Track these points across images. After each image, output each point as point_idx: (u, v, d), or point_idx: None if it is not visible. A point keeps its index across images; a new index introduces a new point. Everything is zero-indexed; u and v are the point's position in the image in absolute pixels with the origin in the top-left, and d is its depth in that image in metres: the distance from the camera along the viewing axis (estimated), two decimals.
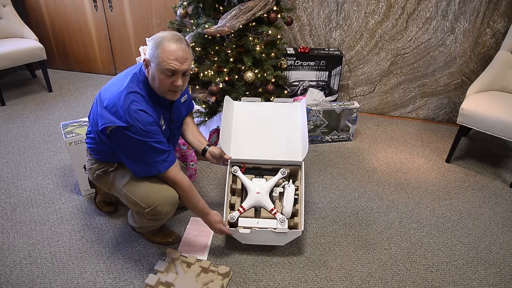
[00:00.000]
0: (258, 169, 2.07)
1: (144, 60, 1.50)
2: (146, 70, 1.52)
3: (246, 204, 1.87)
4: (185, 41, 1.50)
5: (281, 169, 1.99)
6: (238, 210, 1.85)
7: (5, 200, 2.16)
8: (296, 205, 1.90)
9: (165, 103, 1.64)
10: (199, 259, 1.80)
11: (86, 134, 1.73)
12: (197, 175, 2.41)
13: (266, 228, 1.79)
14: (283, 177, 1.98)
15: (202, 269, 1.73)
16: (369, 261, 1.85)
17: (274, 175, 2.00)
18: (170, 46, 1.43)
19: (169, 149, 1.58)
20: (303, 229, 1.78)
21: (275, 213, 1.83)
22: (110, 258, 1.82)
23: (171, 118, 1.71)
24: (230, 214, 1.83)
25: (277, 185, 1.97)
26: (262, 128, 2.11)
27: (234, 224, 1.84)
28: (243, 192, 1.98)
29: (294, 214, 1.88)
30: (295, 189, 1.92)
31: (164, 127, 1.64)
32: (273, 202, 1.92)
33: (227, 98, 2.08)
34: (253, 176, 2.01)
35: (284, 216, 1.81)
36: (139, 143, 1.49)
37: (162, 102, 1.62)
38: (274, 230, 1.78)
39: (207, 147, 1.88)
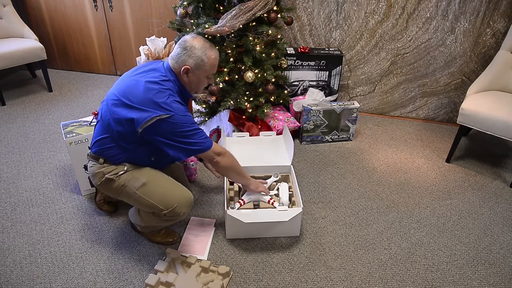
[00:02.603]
0: (252, 177, 2.14)
1: (185, 68, 1.59)
2: (185, 76, 1.62)
3: (245, 197, 1.94)
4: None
5: (274, 173, 2.12)
6: (239, 202, 1.92)
7: (5, 200, 2.16)
8: (292, 198, 2.01)
9: (186, 101, 1.71)
10: (199, 259, 1.80)
11: (94, 137, 1.67)
12: (197, 175, 2.41)
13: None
14: (275, 180, 2.10)
15: (202, 269, 1.73)
16: (369, 261, 1.85)
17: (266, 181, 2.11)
18: (213, 54, 1.63)
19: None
20: (302, 206, 1.89)
21: (272, 203, 1.91)
22: (110, 258, 1.82)
23: None
24: (231, 204, 1.90)
25: (270, 188, 2.08)
26: (253, 147, 2.35)
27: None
28: (240, 191, 2.09)
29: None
30: (289, 187, 2.03)
31: None
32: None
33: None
34: None
35: (282, 203, 1.91)
36: (182, 128, 1.54)
37: (185, 100, 1.69)
38: (275, 209, 1.89)
39: None
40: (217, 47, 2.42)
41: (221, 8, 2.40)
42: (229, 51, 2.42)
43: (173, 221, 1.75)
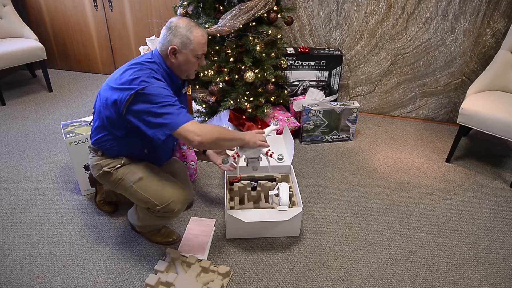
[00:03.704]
0: (253, 177, 2.15)
1: (172, 48, 1.56)
2: (173, 57, 1.59)
3: (240, 151, 1.82)
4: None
5: (274, 120, 1.97)
6: (233, 156, 1.82)
7: (5, 199, 2.16)
8: (292, 198, 2.00)
9: (175, 86, 1.68)
10: (199, 259, 1.80)
11: (92, 128, 1.70)
12: (197, 175, 2.41)
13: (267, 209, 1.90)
14: (275, 128, 1.96)
15: (202, 269, 1.73)
16: (369, 261, 1.85)
17: (267, 182, 2.08)
18: (199, 32, 1.59)
19: (185, 108, 1.56)
20: (302, 206, 1.87)
21: (271, 154, 1.83)
22: (110, 258, 1.82)
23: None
24: (224, 159, 1.80)
25: (271, 188, 2.06)
26: None
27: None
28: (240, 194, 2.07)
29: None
30: (289, 187, 2.00)
31: None
32: (271, 201, 1.99)
33: None
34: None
35: (281, 154, 1.82)
36: (156, 100, 1.46)
37: (173, 85, 1.66)
38: (275, 209, 1.86)
39: None
40: (217, 47, 2.43)
41: (221, 8, 2.40)
42: (229, 51, 2.42)
43: (168, 218, 1.75)
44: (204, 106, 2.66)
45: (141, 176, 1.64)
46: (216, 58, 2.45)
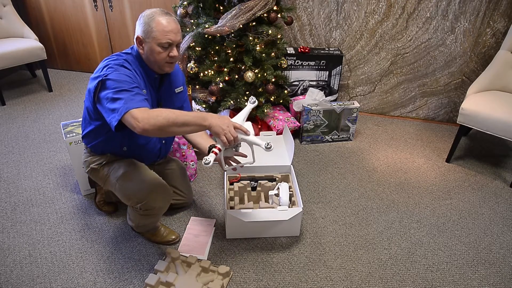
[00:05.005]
0: (253, 177, 2.17)
1: (137, 38, 1.55)
2: (140, 47, 1.57)
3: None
4: (173, 14, 1.59)
5: (250, 97, 1.66)
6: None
7: (5, 199, 2.16)
8: (292, 198, 2.00)
9: (153, 82, 1.66)
10: (199, 259, 1.80)
11: (81, 122, 1.73)
12: (197, 175, 2.41)
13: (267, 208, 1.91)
14: (253, 106, 1.66)
15: (202, 269, 1.73)
16: (369, 261, 1.85)
17: (267, 182, 2.09)
18: (163, 20, 1.52)
19: (145, 96, 1.46)
20: (302, 206, 1.87)
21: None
22: (110, 258, 1.82)
23: (158, 101, 1.72)
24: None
25: (271, 188, 2.06)
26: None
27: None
28: (240, 194, 2.07)
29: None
30: (289, 187, 2.01)
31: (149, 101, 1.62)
32: (271, 201, 2.00)
33: None
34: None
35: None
36: (114, 84, 1.42)
37: (149, 78, 1.64)
38: (275, 209, 1.86)
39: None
40: (217, 47, 2.43)
41: (221, 8, 2.40)
42: (229, 51, 2.42)
43: (151, 216, 1.75)
44: (204, 106, 2.66)
45: (123, 172, 1.66)
46: (216, 58, 2.45)
